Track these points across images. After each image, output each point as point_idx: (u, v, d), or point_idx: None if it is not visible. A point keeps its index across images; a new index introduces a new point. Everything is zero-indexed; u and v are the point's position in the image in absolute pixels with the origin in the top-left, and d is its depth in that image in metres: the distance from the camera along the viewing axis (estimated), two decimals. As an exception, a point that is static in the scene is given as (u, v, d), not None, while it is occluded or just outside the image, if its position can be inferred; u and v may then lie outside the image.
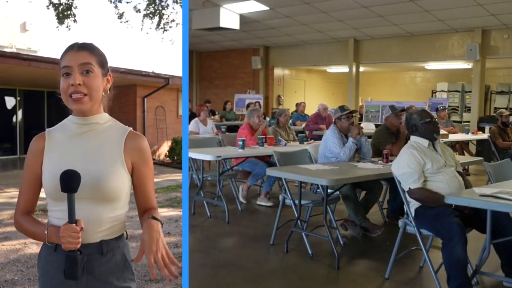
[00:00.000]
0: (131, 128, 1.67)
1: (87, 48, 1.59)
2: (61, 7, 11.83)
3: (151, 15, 12.44)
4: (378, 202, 5.03)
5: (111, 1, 12.33)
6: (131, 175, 1.63)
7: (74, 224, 1.44)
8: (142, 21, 12.53)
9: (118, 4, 12.75)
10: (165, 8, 12.48)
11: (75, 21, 12.04)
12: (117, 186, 1.56)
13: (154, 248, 1.45)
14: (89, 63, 1.55)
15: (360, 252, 4.30)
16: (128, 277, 1.63)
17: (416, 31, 11.39)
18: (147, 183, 1.66)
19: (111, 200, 1.56)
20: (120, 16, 12.44)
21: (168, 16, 12.66)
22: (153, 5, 12.31)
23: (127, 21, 15.65)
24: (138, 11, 12.53)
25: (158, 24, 12.58)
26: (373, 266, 3.90)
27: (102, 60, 1.61)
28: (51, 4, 11.80)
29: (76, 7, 12.01)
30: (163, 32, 12.74)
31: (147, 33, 22.82)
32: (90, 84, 1.55)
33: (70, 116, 1.63)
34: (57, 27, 12.10)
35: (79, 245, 1.45)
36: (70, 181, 1.44)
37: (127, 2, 14.42)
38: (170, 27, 12.73)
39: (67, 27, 12.04)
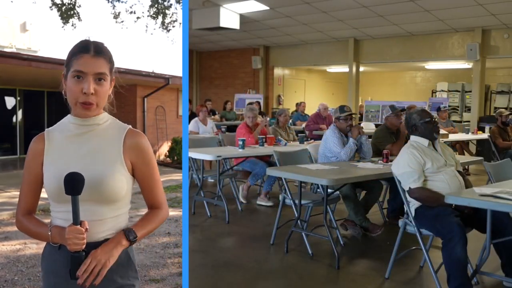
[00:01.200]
0: (130, 126, 1.66)
1: (102, 55, 1.56)
2: (64, 7, 11.85)
3: (154, 15, 12.45)
4: (378, 202, 5.03)
5: (109, 1, 12.34)
6: (132, 174, 1.63)
7: (79, 226, 1.46)
8: (146, 23, 12.57)
9: (116, 4, 12.76)
10: (168, 8, 12.50)
11: (79, 19, 12.07)
12: (118, 186, 1.57)
13: (99, 257, 1.49)
14: (104, 73, 1.55)
15: (360, 252, 4.30)
16: (131, 275, 1.64)
17: (416, 31, 11.39)
18: (149, 180, 1.67)
19: (112, 200, 1.57)
20: (116, 16, 12.43)
21: (171, 15, 12.70)
22: (156, 6, 12.32)
23: (122, 21, 15.67)
24: (133, 12, 12.54)
25: (163, 23, 12.60)
26: (373, 266, 3.90)
27: (112, 66, 1.61)
28: (54, 5, 11.81)
29: (79, 6, 12.06)
30: (167, 32, 12.78)
31: (152, 34, 22.87)
32: (101, 92, 1.55)
33: (69, 116, 1.62)
34: (63, 27, 12.15)
35: (84, 246, 1.47)
36: (74, 184, 1.45)
37: (122, 2, 14.45)
38: (173, 26, 12.76)
39: (72, 25, 12.07)
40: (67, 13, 11.87)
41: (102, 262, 1.49)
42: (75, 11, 11.96)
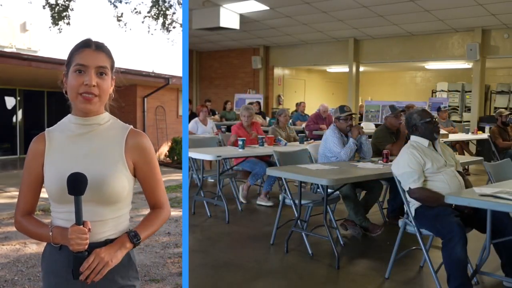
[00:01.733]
0: (131, 126, 1.66)
1: (103, 50, 1.59)
2: (57, 8, 11.81)
3: (155, 16, 12.44)
4: (378, 202, 5.03)
5: (110, 2, 12.34)
6: (134, 175, 1.64)
7: (82, 226, 1.46)
8: (148, 24, 12.57)
9: (118, 5, 12.74)
10: (169, 9, 12.49)
11: (68, 23, 12.02)
12: (119, 187, 1.57)
13: (103, 255, 1.50)
14: (105, 67, 1.57)
15: (360, 252, 4.30)
16: (132, 275, 1.64)
17: (416, 31, 11.39)
18: (151, 181, 1.67)
19: (114, 201, 1.57)
20: (118, 18, 12.42)
21: (172, 15, 12.70)
22: (156, 6, 12.31)
23: (125, 24, 15.67)
24: (138, 12, 12.54)
25: (163, 25, 12.59)
26: (373, 266, 3.90)
27: (112, 63, 1.62)
28: (48, 5, 11.78)
29: (72, 9, 12.00)
30: (168, 32, 12.78)
31: (152, 34, 22.86)
32: (103, 86, 1.56)
33: (69, 116, 1.62)
34: (50, 27, 12.10)
35: (87, 246, 1.47)
36: (77, 184, 1.45)
37: (126, 3, 14.42)
38: (174, 27, 12.76)
39: (59, 29, 12.03)
40: (59, 15, 11.83)
41: (104, 261, 1.49)
42: (67, 13, 11.91)
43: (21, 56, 9.87)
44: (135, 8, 16.58)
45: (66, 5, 11.90)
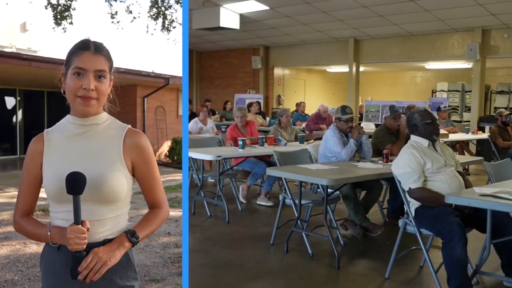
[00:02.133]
0: (129, 126, 1.66)
1: (103, 52, 1.58)
2: (59, 8, 11.82)
3: (154, 16, 12.44)
4: (378, 202, 5.03)
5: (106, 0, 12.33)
6: (132, 174, 1.63)
7: (80, 225, 1.46)
8: (147, 23, 12.56)
9: (113, 3, 12.71)
10: (168, 9, 12.49)
11: (71, 23, 12.04)
12: (118, 186, 1.57)
13: (101, 254, 1.50)
14: (104, 70, 1.56)
15: (360, 252, 4.30)
16: (131, 276, 1.64)
17: (416, 31, 11.39)
18: (150, 180, 1.67)
19: (112, 200, 1.57)
20: (112, 15, 12.40)
21: (171, 16, 12.69)
22: (156, 6, 12.31)
23: (118, 22, 15.67)
24: (130, 12, 12.52)
25: (163, 25, 12.59)
26: (373, 266, 3.90)
27: (111, 65, 1.62)
28: (49, 5, 11.78)
29: (74, 9, 12.01)
30: (168, 32, 12.77)
31: (152, 34, 22.82)
32: (101, 89, 1.56)
33: (68, 116, 1.62)
34: (53, 28, 12.10)
35: (85, 245, 1.47)
36: (76, 184, 1.45)
37: (121, 1, 14.34)
38: (174, 27, 12.75)
39: (63, 28, 12.03)
40: (61, 15, 11.83)
41: (103, 260, 1.49)
42: (69, 13, 11.92)
43: (21, 56, 9.86)
44: (127, 7, 16.69)
45: (68, 5, 11.90)
